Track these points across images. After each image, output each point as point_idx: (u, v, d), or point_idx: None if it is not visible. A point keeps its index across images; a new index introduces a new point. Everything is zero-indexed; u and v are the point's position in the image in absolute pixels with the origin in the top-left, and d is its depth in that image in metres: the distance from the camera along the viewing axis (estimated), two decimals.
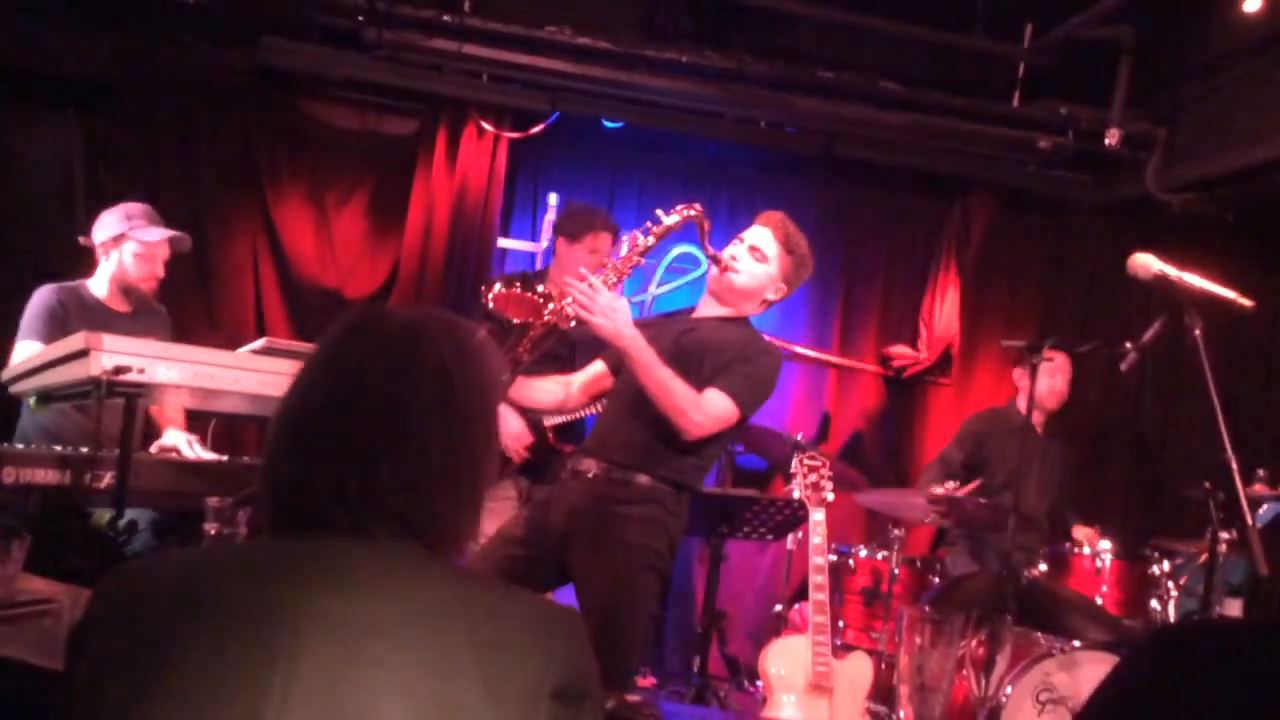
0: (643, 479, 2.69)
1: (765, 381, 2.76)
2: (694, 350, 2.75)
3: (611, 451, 2.73)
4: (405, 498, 1.13)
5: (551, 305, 2.60)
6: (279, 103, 4.90)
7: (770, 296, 2.88)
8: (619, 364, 2.82)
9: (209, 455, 3.30)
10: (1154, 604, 3.71)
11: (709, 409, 2.66)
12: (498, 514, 3.37)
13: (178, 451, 3.45)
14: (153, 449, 3.45)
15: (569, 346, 3.55)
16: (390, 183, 4.99)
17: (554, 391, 2.96)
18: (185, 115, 4.78)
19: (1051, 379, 4.36)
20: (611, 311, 2.55)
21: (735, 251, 2.84)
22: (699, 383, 2.69)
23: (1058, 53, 4.55)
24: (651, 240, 2.68)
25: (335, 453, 1.12)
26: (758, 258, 2.82)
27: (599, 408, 3.11)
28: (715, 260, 2.81)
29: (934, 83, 4.81)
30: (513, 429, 3.69)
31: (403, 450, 1.13)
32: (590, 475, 2.73)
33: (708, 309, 2.91)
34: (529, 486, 4.08)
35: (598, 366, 2.98)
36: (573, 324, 2.60)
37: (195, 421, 3.62)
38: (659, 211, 2.69)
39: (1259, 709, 0.92)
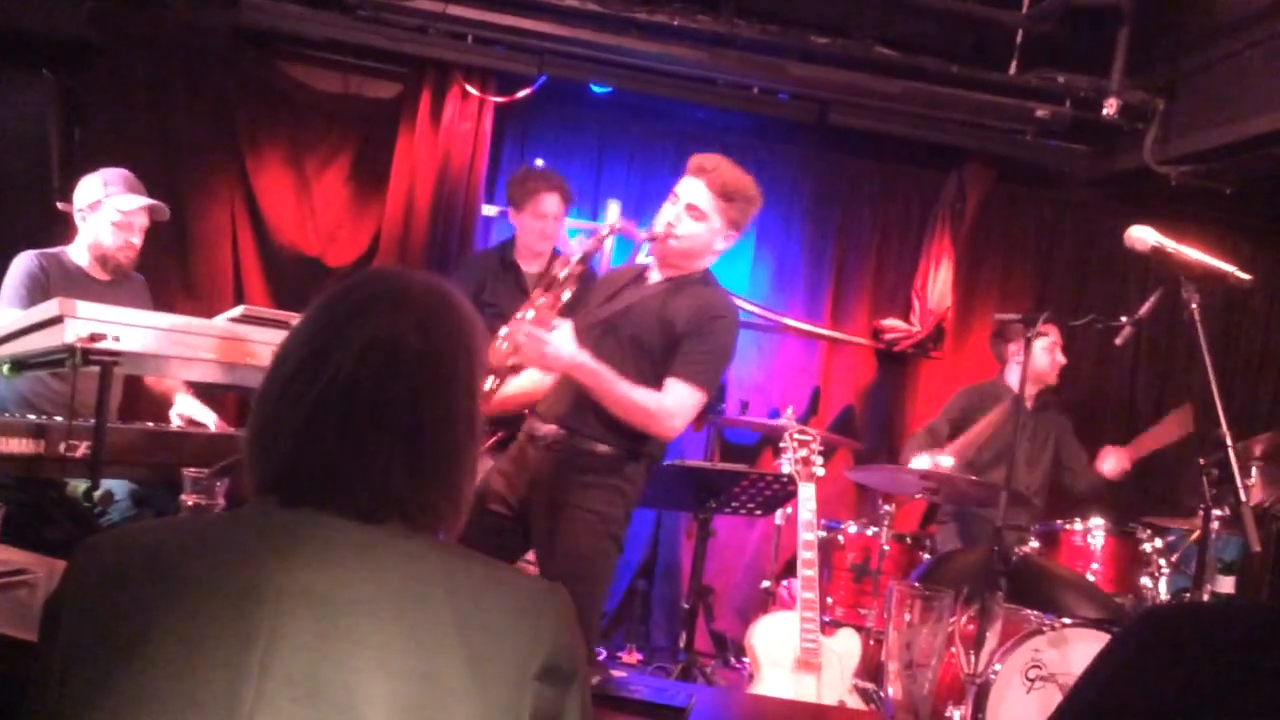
0: (603, 448, 2.69)
1: (724, 350, 2.74)
2: (647, 326, 2.72)
3: (572, 418, 2.70)
4: (437, 473, 1.12)
5: (505, 345, 2.62)
6: (259, 64, 4.82)
7: (720, 246, 2.81)
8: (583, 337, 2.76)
9: (232, 430, 3.28)
10: (1145, 581, 3.71)
11: (675, 406, 2.66)
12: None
13: (196, 422, 3.42)
14: (174, 419, 3.41)
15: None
16: (373, 147, 4.92)
17: (533, 388, 2.88)
18: (163, 77, 4.71)
19: (1051, 354, 4.36)
20: (556, 350, 2.57)
21: (671, 215, 2.75)
22: (656, 363, 2.68)
23: (1056, 20, 4.49)
24: (578, 268, 2.71)
25: (375, 431, 1.09)
26: (695, 216, 2.73)
27: None
28: (653, 239, 2.78)
29: (931, 50, 4.74)
30: None
31: (440, 427, 1.12)
32: (548, 442, 2.72)
33: (659, 273, 2.85)
34: None
35: None
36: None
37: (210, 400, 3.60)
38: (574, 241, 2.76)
39: (1245, 693, 0.91)
